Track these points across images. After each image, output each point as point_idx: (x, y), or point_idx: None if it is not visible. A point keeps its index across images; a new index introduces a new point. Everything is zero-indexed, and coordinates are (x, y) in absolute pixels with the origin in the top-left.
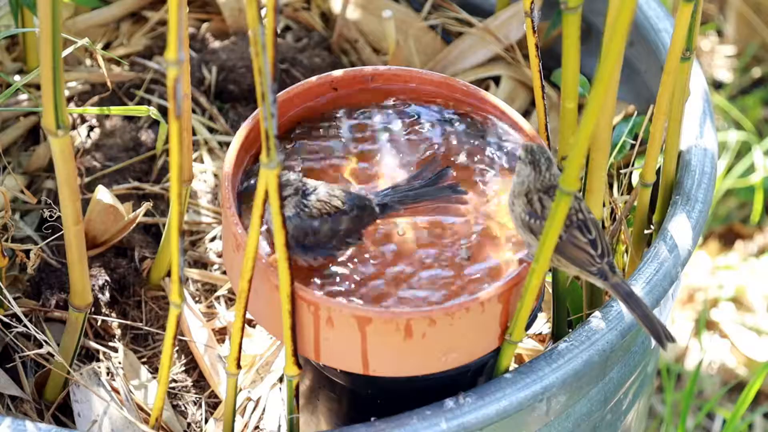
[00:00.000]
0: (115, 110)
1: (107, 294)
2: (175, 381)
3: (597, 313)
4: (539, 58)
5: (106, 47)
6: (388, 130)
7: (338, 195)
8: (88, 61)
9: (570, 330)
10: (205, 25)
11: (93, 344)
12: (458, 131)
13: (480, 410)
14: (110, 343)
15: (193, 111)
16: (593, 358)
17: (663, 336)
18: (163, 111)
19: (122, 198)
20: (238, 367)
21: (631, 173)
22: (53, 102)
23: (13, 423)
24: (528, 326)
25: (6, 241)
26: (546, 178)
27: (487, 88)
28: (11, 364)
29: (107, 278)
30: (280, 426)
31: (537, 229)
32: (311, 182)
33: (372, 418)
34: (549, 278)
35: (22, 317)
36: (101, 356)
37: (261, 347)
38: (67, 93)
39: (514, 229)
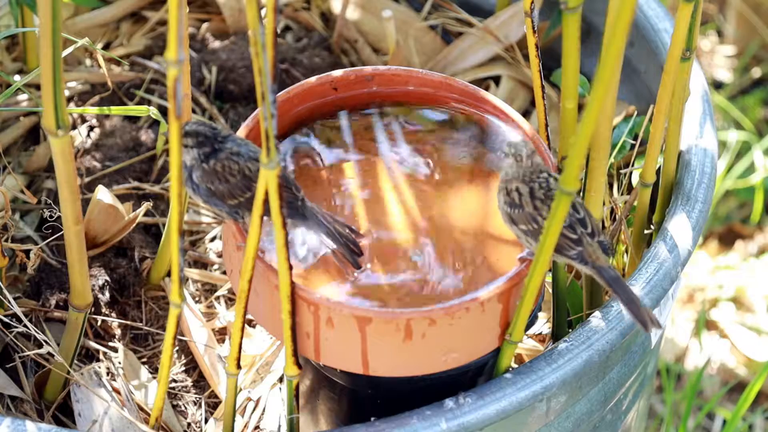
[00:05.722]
0: (115, 110)
1: (107, 294)
2: (175, 381)
3: (597, 313)
4: (539, 58)
5: (106, 47)
6: (388, 130)
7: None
8: (88, 61)
9: (570, 330)
10: (205, 25)
11: (93, 344)
12: (458, 131)
13: (480, 410)
14: (110, 343)
15: (193, 111)
16: (593, 358)
17: (648, 320)
18: (163, 111)
19: (122, 198)
20: (238, 367)
21: (631, 173)
22: (53, 102)
23: (13, 423)
24: (528, 326)
25: (6, 241)
26: (528, 165)
27: (487, 88)
28: (11, 364)
29: (107, 278)
30: (280, 426)
31: (517, 218)
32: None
33: (372, 418)
34: (549, 278)
35: (22, 317)
36: (101, 356)
37: (261, 347)
38: (67, 93)
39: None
